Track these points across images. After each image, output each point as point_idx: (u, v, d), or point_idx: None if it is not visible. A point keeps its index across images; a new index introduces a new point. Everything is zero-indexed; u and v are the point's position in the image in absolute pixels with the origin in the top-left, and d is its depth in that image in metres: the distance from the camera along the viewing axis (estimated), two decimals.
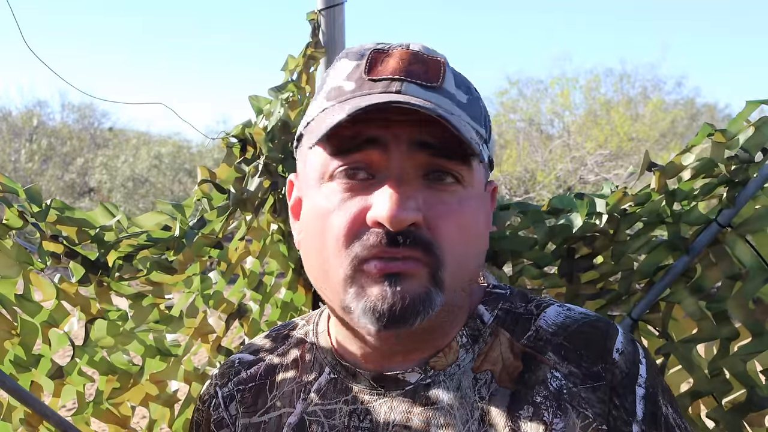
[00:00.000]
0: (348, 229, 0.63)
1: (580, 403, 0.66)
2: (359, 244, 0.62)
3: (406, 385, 0.70)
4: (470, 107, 0.67)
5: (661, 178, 1.30)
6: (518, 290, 0.77)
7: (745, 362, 1.31)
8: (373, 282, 0.62)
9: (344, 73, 0.67)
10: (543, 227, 1.40)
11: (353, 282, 0.63)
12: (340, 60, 0.69)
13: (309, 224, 0.67)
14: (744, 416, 1.31)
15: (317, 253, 0.66)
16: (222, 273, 1.58)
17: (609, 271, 1.43)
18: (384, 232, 0.61)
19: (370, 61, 0.65)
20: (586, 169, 11.08)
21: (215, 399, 0.80)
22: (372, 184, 0.63)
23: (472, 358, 0.70)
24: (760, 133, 1.27)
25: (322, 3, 1.65)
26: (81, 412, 1.38)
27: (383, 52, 0.66)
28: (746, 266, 1.30)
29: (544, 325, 0.71)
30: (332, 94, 0.66)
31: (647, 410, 0.66)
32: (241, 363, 0.81)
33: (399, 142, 0.62)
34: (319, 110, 0.67)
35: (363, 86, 0.64)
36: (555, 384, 0.67)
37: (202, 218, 1.41)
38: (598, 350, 0.68)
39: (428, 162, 0.63)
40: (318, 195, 0.66)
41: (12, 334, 1.24)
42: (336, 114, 0.61)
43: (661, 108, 13.05)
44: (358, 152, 0.63)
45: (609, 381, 0.66)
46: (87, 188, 14.10)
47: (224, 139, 1.54)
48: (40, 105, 16.08)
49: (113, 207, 1.35)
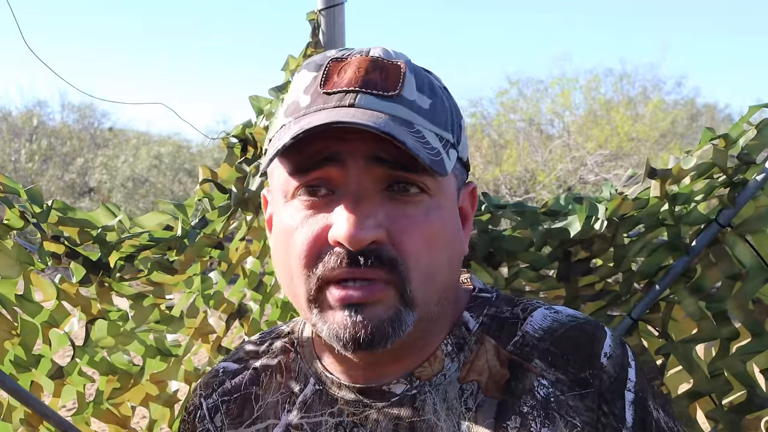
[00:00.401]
0: (309, 249, 0.62)
1: (567, 412, 0.65)
2: (321, 265, 0.61)
3: (391, 397, 0.69)
4: (433, 112, 0.64)
5: (663, 186, 1.30)
6: (504, 294, 0.76)
7: (745, 362, 1.31)
8: (335, 308, 0.62)
9: (303, 85, 0.65)
10: (539, 229, 1.40)
11: (317, 303, 0.63)
12: (300, 71, 0.67)
13: (277, 242, 0.66)
14: (744, 416, 1.31)
15: (284, 271, 0.65)
16: (222, 273, 1.58)
17: (607, 273, 1.43)
18: (345, 252, 0.60)
19: (326, 73, 0.63)
20: (586, 169, 11.08)
21: (200, 410, 0.79)
22: (333, 200, 0.62)
23: (457, 367, 0.69)
24: (762, 135, 1.27)
25: (322, 3, 1.65)
26: (81, 412, 1.38)
27: (341, 60, 0.64)
28: (746, 266, 1.31)
29: (530, 330, 0.69)
30: (290, 109, 0.65)
31: (637, 416, 0.65)
32: (225, 372, 0.80)
33: (356, 157, 0.61)
34: (278, 127, 0.66)
35: (317, 101, 0.63)
36: (542, 392, 0.66)
37: (203, 218, 1.41)
38: (586, 355, 0.67)
39: (388, 175, 0.62)
40: (283, 213, 0.65)
41: (12, 335, 1.24)
42: (286, 134, 0.60)
43: (661, 108, 13.05)
44: (317, 170, 0.61)
45: (597, 387, 0.65)
46: (87, 188, 14.10)
47: (224, 139, 1.54)
48: (40, 105, 16.09)
49: (115, 207, 1.35)
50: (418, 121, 0.63)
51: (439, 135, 0.64)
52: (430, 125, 0.64)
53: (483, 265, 1.45)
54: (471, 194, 0.73)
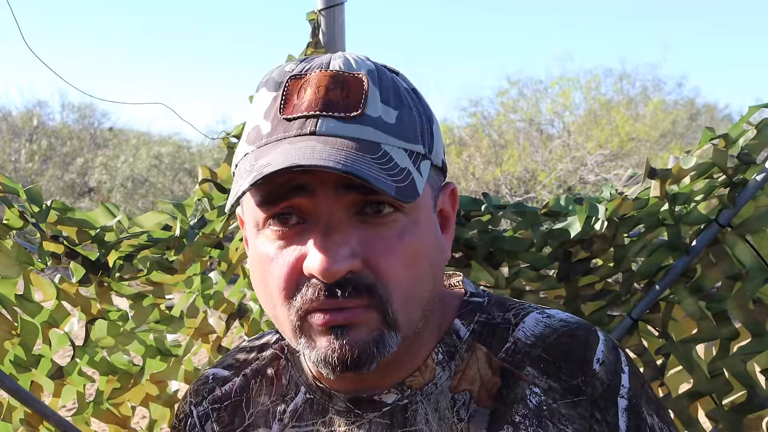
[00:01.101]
0: (287, 282, 0.60)
1: (560, 420, 0.64)
2: (299, 296, 0.60)
3: (383, 407, 0.68)
4: (400, 126, 0.62)
5: (663, 186, 1.30)
6: (496, 297, 0.74)
7: (745, 362, 1.31)
8: (319, 333, 0.61)
9: (263, 108, 0.63)
10: (540, 230, 1.40)
11: (302, 332, 0.62)
12: (259, 90, 0.64)
13: (254, 270, 0.65)
14: (744, 416, 1.31)
15: (266, 299, 0.64)
16: (222, 273, 1.58)
17: (608, 273, 1.43)
18: (322, 284, 0.59)
19: (285, 94, 0.61)
20: (586, 169, 11.08)
21: (190, 418, 0.78)
22: (304, 230, 0.60)
23: (449, 375, 0.68)
24: (762, 135, 1.27)
25: (322, 3, 1.65)
26: (81, 412, 1.38)
27: (300, 78, 0.61)
28: (746, 266, 1.31)
29: (522, 337, 0.69)
30: (251, 136, 0.63)
31: (630, 422, 0.64)
32: (215, 379, 0.79)
33: (325, 186, 0.59)
34: (241, 155, 0.64)
35: (278, 128, 0.60)
36: (534, 400, 0.65)
37: (202, 218, 1.41)
38: (578, 362, 0.66)
39: (359, 200, 0.60)
40: (257, 242, 0.63)
41: (12, 335, 1.24)
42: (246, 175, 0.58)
43: (661, 108, 13.05)
44: (285, 200, 0.60)
45: (590, 395, 0.64)
46: (87, 188, 14.11)
47: (224, 139, 1.54)
48: (40, 105, 16.08)
49: (114, 207, 1.35)
50: (384, 140, 0.60)
51: (408, 150, 0.62)
52: (398, 141, 0.61)
53: (484, 264, 1.45)
54: (451, 195, 0.71)
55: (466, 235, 1.43)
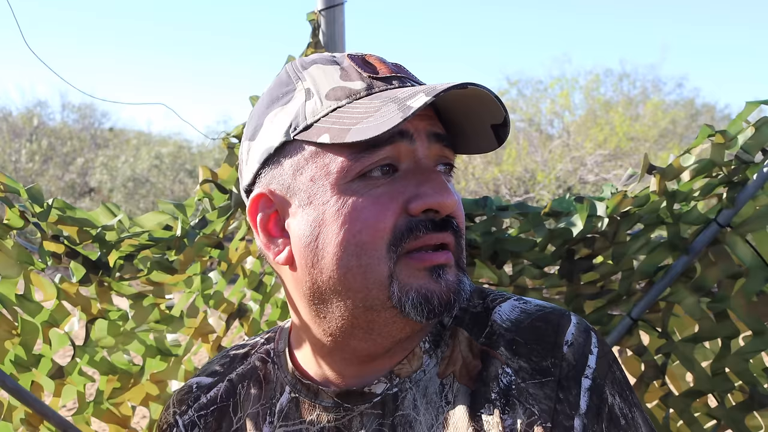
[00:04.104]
0: (392, 222, 0.63)
1: (527, 399, 0.65)
2: (406, 235, 0.63)
3: (373, 398, 0.69)
4: None
5: (662, 181, 1.30)
6: (476, 287, 0.76)
7: (747, 361, 1.31)
8: (418, 274, 0.64)
9: (333, 75, 0.67)
10: (543, 230, 1.40)
11: (396, 276, 0.64)
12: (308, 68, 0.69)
13: (330, 228, 0.64)
14: (746, 415, 1.31)
15: (350, 257, 0.64)
16: (222, 273, 1.58)
17: (609, 271, 1.44)
18: (429, 220, 0.64)
19: (359, 64, 0.67)
20: (585, 169, 11.08)
21: (175, 428, 0.78)
22: (396, 179, 0.64)
23: (436, 363, 0.70)
24: (760, 133, 1.27)
25: (322, 3, 1.66)
26: (81, 412, 1.38)
27: (356, 55, 0.68)
28: (746, 265, 1.31)
29: (498, 320, 0.70)
30: (338, 94, 0.65)
31: (592, 402, 0.65)
32: (199, 387, 0.79)
33: (420, 134, 0.65)
34: (328, 108, 0.65)
35: (376, 83, 0.66)
36: (505, 380, 0.67)
37: (203, 218, 1.41)
38: (549, 344, 0.67)
39: (440, 153, 0.67)
40: (342, 197, 0.64)
41: (13, 334, 1.24)
42: (391, 106, 0.62)
43: (660, 108, 13.06)
44: (389, 145, 0.63)
45: (556, 376, 0.66)
46: (87, 188, 14.11)
47: (225, 140, 1.54)
48: (41, 105, 16.09)
49: (114, 207, 1.35)
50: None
51: None
52: None
53: (487, 263, 1.46)
54: None
55: (470, 236, 1.44)
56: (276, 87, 0.70)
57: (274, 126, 0.67)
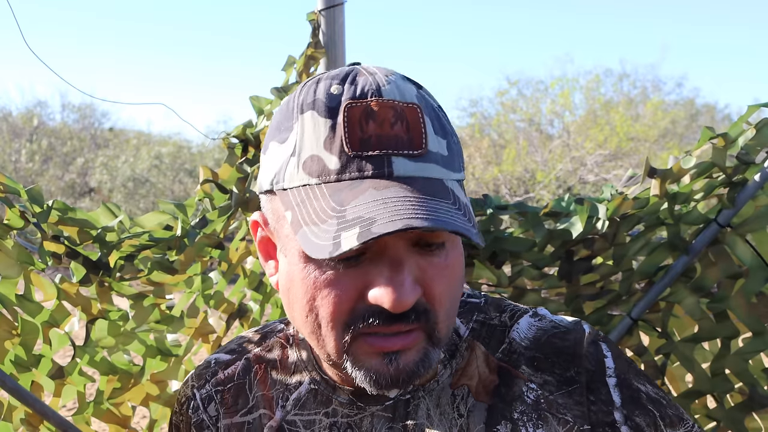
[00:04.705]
0: (348, 308, 0.61)
1: (558, 410, 0.67)
2: (359, 321, 0.61)
3: (385, 401, 0.70)
4: (451, 157, 0.62)
5: (662, 185, 1.30)
6: (492, 299, 0.76)
7: (747, 361, 1.31)
8: (370, 355, 0.62)
9: (319, 136, 0.60)
10: (542, 231, 1.40)
11: (350, 352, 0.62)
12: (305, 113, 0.61)
13: (297, 289, 0.63)
14: (746, 415, 1.31)
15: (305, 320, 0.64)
16: (223, 273, 1.58)
17: (609, 272, 1.43)
18: (387, 313, 0.60)
19: (346, 125, 0.59)
20: (585, 169, 11.08)
21: (193, 401, 0.80)
22: (362, 262, 0.60)
23: (450, 373, 0.71)
24: (761, 134, 1.27)
25: (322, 3, 1.66)
26: (81, 412, 1.38)
27: (357, 105, 0.59)
28: (746, 265, 1.31)
29: (517, 338, 0.71)
30: (312, 167, 0.60)
31: (624, 394, 0.67)
32: (217, 363, 0.81)
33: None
34: (297, 183, 0.61)
35: (350, 165, 0.59)
36: (531, 396, 0.68)
37: (204, 218, 1.41)
38: (569, 356, 0.69)
39: (417, 236, 0.61)
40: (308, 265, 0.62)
41: (13, 334, 1.24)
42: (340, 228, 0.56)
43: (660, 108, 13.06)
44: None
45: (582, 383, 0.67)
46: (87, 188, 14.10)
47: (225, 140, 1.54)
48: (41, 105, 16.07)
49: (115, 207, 1.35)
50: (446, 176, 0.61)
51: (459, 181, 0.63)
52: (452, 174, 0.62)
53: (486, 263, 1.46)
54: None
55: None
56: (280, 114, 0.66)
57: (273, 159, 0.65)
